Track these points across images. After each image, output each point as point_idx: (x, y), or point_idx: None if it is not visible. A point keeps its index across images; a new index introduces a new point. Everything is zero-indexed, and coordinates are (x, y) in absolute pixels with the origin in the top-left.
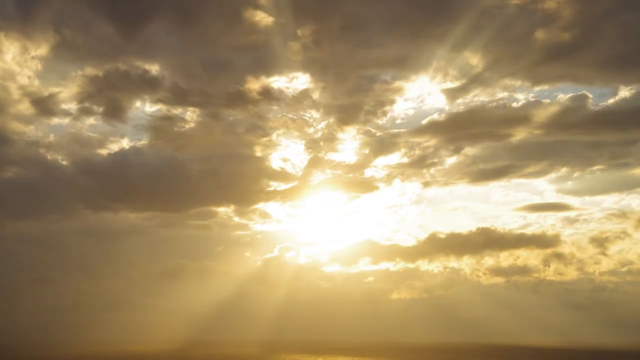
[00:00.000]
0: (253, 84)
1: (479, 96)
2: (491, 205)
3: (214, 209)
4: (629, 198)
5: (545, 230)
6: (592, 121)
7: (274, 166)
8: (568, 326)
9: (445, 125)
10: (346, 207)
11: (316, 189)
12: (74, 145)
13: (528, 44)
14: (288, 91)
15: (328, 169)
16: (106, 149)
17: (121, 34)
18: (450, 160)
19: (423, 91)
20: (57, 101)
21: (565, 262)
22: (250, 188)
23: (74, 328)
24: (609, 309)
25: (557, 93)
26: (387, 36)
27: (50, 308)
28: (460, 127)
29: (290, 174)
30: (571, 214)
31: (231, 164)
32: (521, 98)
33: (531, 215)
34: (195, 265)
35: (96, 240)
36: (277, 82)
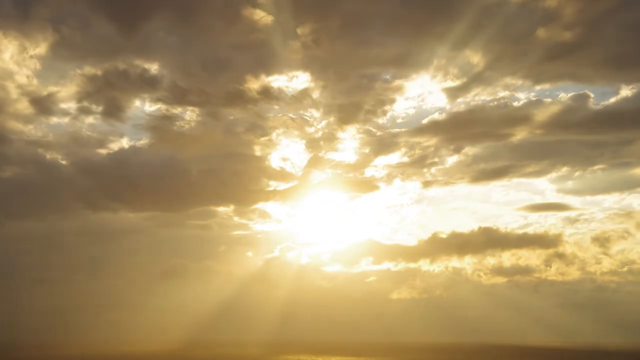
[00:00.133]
0: (253, 83)
1: (479, 95)
2: (492, 205)
3: (213, 208)
4: (630, 198)
5: (546, 230)
6: (593, 120)
7: (273, 166)
8: (569, 326)
9: (445, 125)
10: (346, 206)
11: (316, 188)
12: (73, 145)
13: (529, 42)
14: (288, 90)
15: (328, 168)
16: (105, 148)
17: (120, 33)
18: (451, 160)
19: (424, 90)
20: (56, 100)
21: (566, 262)
22: (250, 188)
23: (74, 328)
24: (611, 309)
25: (558, 92)
26: (388, 35)
27: (50, 308)
28: (461, 126)
29: (290, 174)
30: (572, 213)
31: (231, 164)
32: (522, 97)
33: (532, 215)
34: (195, 265)
35: (96, 240)
36: (277, 81)
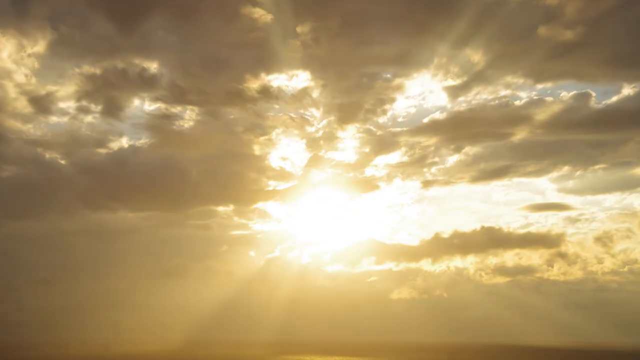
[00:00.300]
0: (252, 83)
1: (480, 94)
2: (492, 205)
3: (213, 208)
4: (631, 197)
5: (547, 229)
6: (595, 120)
7: (273, 165)
8: (571, 326)
9: (446, 124)
10: (347, 206)
11: (316, 188)
12: (72, 144)
13: (530, 41)
14: (287, 89)
15: (328, 167)
16: (105, 148)
17: (119, 31)
18: (452, 159)
19: (424, 89)
20: (55, 100)
21: (568, 262)
22: (250, 187)
23: (74, 328)
24: (612, 309)
25: (560, 91)
26: (388, 33)
27: (49, 308)
28: (462, 125)
29: (290, 173)
30: (573, 213)
31: (230, 163)
32: (523, 96)
33: (533, 215)
34: (195, 265)
35: (95, 240)
36: (277, 80)
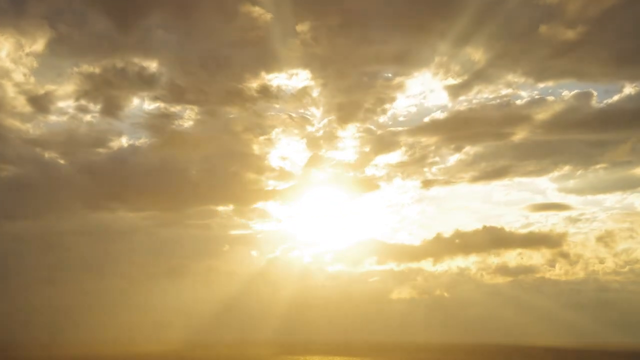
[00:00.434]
0: (252, 82)
1: (481, 93)
2: (493, 205)
3: (213, 208)
4: (632, 197)
5: (548, 229)
6: (596, 119)
7: (273, 165)
8: (572, 326)
9: (446, 124)
10: (347, 206)
11: (316, 187)
12: (71, 144)
13: (531, 39)
14: (287, 89)
15: (328, 167)
16: (104, 147)
17: (118, 30)
18: (452, 159)
19: (425, 88)
20: (54, 99)
21: (569, 262)
22: (249, 187)
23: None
24: (614, 309)
25: (561, 90)
26: (388, 32)
27: (48, 308)
28: (462, 125)
29: (290, 173)
30: (573, 213)
31: (230, 163)
32: (525, 95)
33: (533, 215)
34: (195, 265)
35: (94, 240)
36: (277, 79)
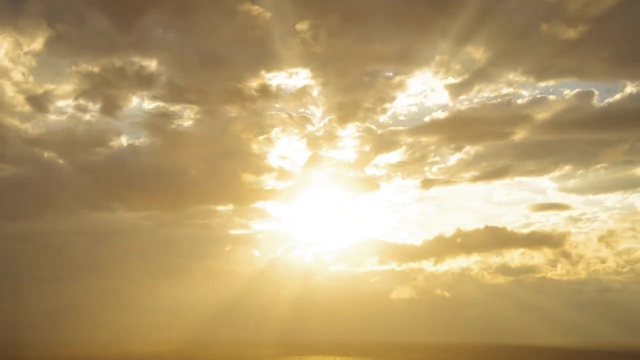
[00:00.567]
0: (251, 81)
1: (482, 92)
2: (493, 204)
3: (212, 207)
4: (632, 197)
5: (548, 228)
6: (597, 118)
7: (272, 164)
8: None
9: (447, 123)
10: (347, 205)
11: (316, 187)
12: (70, 143)
13: (532, 38)
14: (287, 88)
15: (328, 167)
16: (103, 147)
17: (116, 29)
18: (453, 159)
19: (425, 87)
20: (52, 98)
21: (570, 262)
22: (249, 186)
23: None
24: (616, 309)
25: (562, 89)
26: (388, 30)
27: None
28: (463, 125)
29: (290, 172)
30: (574, 212)
31: (229, 162)
32: (526, 94)
33: (534, 214)
34: (195, 265)
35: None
36: (277, 77)
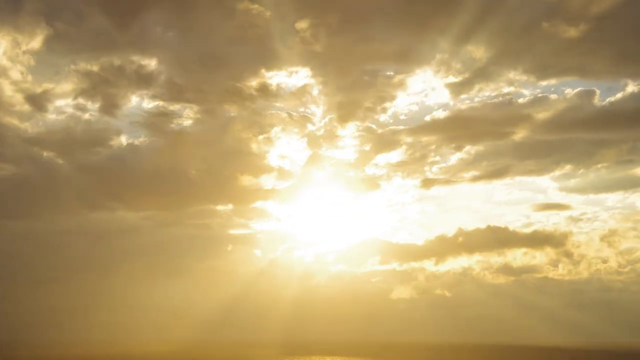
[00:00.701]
0: (251, 80)
1: (483, 91)
2: (494, 204)
3: (212, 207)
4: (633, 196)
5: (550, 229)
6: (598, 118)
7: (272, 164)
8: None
9: (447, 123)
10: (347, 205)
11: (316, 186)
12: (70, 143)
13: (533, 37)
14: (287, 87)
15: (328, 166)
16: (103, 146)
17: (116, 27)
18: (453, 158)
19: (426, 86)
20: (51, 97)
21: (572, 262)
22: (249, 186)
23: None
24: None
25: (564, 88)
26: (389, 29)
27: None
28: (463, 124)
29: (289, 172)
30: (575, 212)
31: (229, 162)
32: (527, 93)
33: (535, 214)
34: (194, 265)
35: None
36: (276, 76)
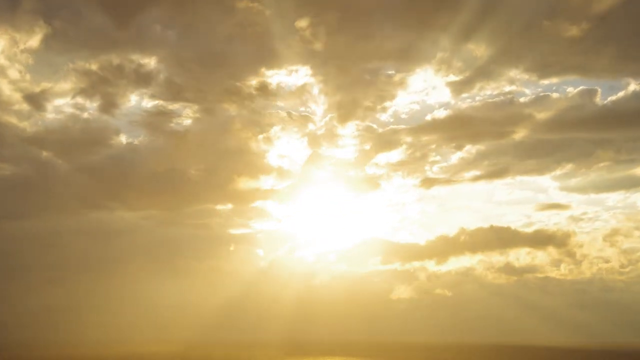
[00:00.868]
0: (250, 79)
1: (484, 90)
2: (494, 204)
3: (211, 207)
4: (634, 196)
5: (552, 228)
6: (599, 117)
7: (272, 163)
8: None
9: (448, 122)
10: (347, 204)
11: (316, 186)
12: (68, 142)
13: (534, 35)
14: (287, 86)
15: (328, 165)
16: (102, 145)
17: (114, 25)
18: (454, 158)
19: (427, 85)
20: (50, 96)
21: (574, 261)
22: (248, 186)
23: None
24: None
25: (566, 87)
26: (389, 27)
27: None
28: (464, 124)
29: (289, 171)
30: (576, 212)
31: (228, 161)
32: (528, 92)
33: (536, 214)
34: (194, 265)
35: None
36: (276, 75)
